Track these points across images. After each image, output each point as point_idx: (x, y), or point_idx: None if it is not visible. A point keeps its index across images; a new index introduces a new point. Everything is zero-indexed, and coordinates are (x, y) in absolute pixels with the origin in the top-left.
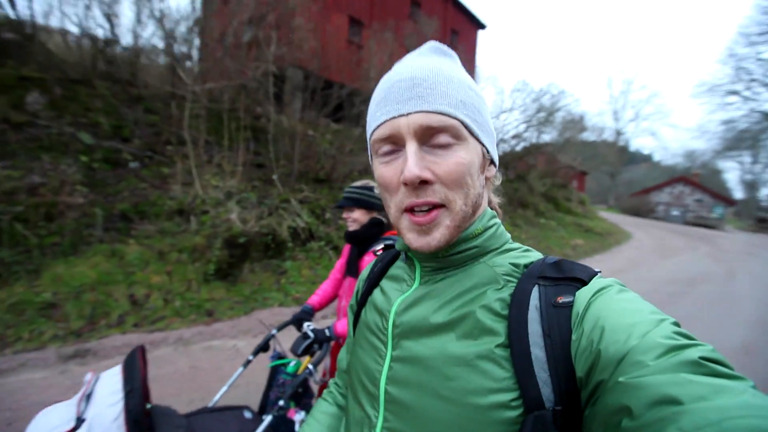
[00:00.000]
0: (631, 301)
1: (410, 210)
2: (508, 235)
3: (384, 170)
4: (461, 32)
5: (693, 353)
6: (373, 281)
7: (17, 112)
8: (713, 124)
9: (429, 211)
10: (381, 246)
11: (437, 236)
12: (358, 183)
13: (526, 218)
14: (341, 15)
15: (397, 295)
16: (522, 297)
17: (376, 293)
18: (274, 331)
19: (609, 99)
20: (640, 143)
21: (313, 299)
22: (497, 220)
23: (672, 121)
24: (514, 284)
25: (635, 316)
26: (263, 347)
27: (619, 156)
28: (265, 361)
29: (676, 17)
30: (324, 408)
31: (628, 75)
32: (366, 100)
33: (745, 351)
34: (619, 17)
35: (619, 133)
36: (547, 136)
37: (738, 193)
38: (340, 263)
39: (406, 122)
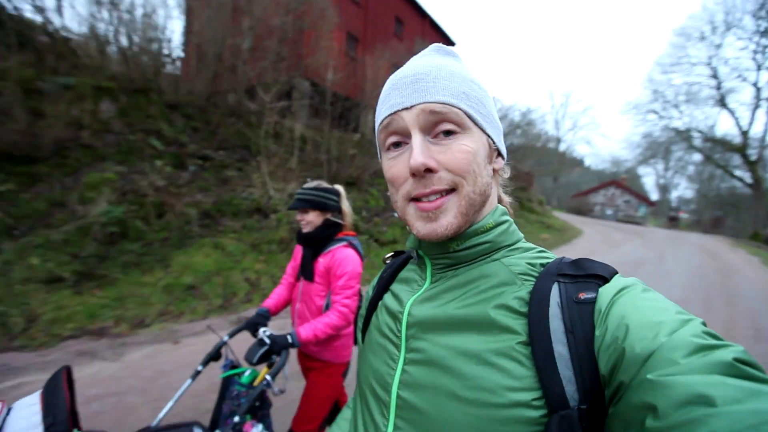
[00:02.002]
0: (657, 300)
1: (417, 199)
2: (521, 234)
3: (392, 164)
4: None
5: (726, 354)
6: (383, 287)
7: (94, 120)
8: (636, 137)
9: (436, 199)
10: (390, 254)
11: (444, 223)
12: (312, 184)
13: None
14: (341, 32)
15: (408, 296)
16: (542, 294)
17: (387, 297)
18: (225, 338)
19: (550, 109)
20: (576, 150)
21: (269, 302)
22: (509, 217)
23: (603, 131)
24: (532, 282)
25: (662, 314)
26: (214, 356)
27: (561, 161)
28: (216, 371)
29: (609, 42)
30: (346, 415)
31: (566, 89)
32: (363, 109)
33: (681, 304)
34: (560, 37)
35: (559, 140)
36: (509, 143)
37: (654, 195)
38: (291, 266)
39: (409, 114)
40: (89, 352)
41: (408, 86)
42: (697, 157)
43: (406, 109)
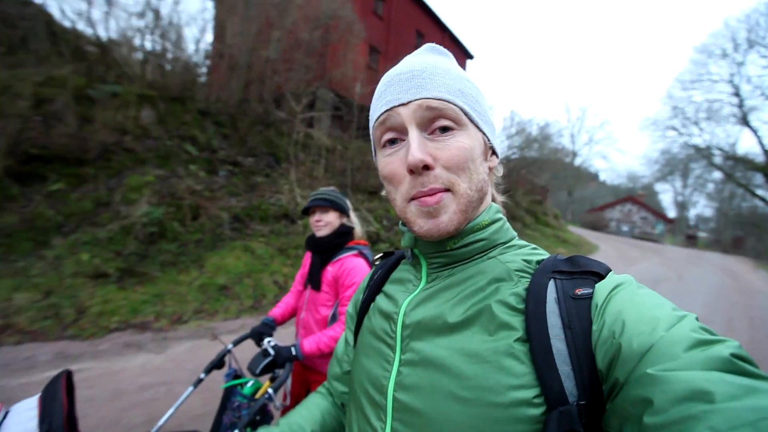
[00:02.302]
0: (652, 296)
1: (416, 198)
2: (515, 233)
3: (389, 161)
4: (456, 60)
5: (723, 350)
6: (375, 288)
7: (136, 126)
8: (655, 153)
9: (435, 193)
10: (379, 255)
11: (445, 219)
12: (328, 188)
13: (516, 230)
14: (364, 44)
15: (403, 296)
16: (539, 290)
17: (380, 299)
18: (230, 346)
19: (566, 123)
20: (592, 164)
21: (275, 311)
22: (503, 215)
23: (620, 146)
24: (528, 279)
25: (658, 309)
26: (217, 364)
27: (576, 175)
28: (219, 380)
29: (628, 58)
30: (316, 399)
31: (583, 103)
32: None
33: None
34: (577, 51)
35: (575, 154)
36: (526, 156)
37: (671, 213)
38: (300, 274)
39: (406, 110)
40: (135, 344)
41: (404, 82)
42: (717, 175)
43: (403, 105)
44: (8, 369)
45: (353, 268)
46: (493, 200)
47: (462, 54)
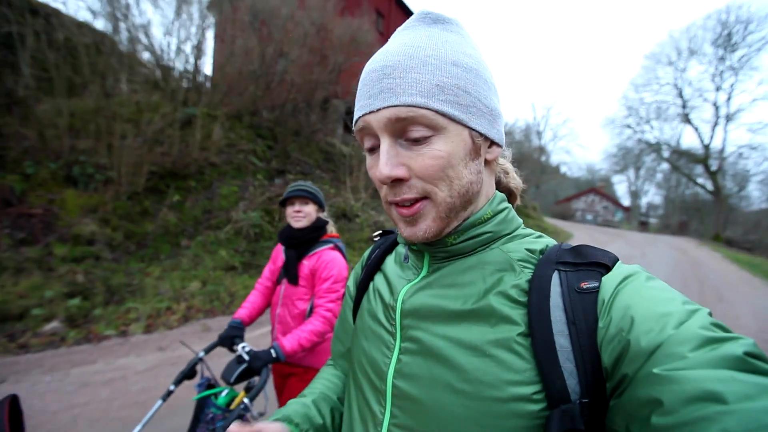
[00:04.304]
0: (662, 289)
1: (394, 204)
2: (520, 221)
3: (370, 165)
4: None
5: (736, 348)
6: (373, 267)
7: (211, 142)
8: (613, 148)
9: (412, 204)
10: (377, 233)
11: (423, 227)
12: (306, 182)
13: None
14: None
15: (403, 283)
16: (542, 283)
17: (379, 281)
18: (201, 354)
19: (532, 120)
20: (555, 159)
21: (241, 312)
22: (507, 204)
23: (581, 142)
24: (531, 270)
25: (668, 305)
26: (188, 374)
27: (543, 170)
28: (191, 391)
29: (586, 61)
30: (331, 371)
31: (547, 102)
32: None
33: None
34: (542, 52)
35: (542, 149)
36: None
37: (626, 201)
38: (269, 269)
39: (376, 119)
40: None
41: (375, 84)
42: (665, 166)
43: (373, 112)
44: (213, 333)
45: (330, 261)
46: (501, 189)
47: None
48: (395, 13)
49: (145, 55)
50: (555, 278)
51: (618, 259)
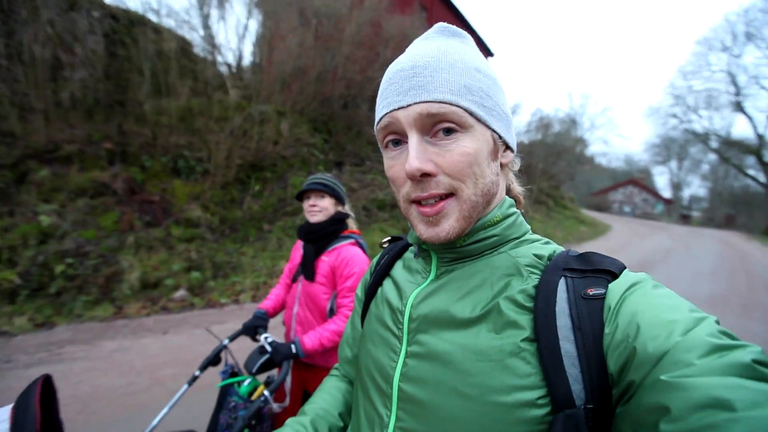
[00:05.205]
0: (669, 297)
1: (418, 201)
2: (528, 226)
3: (392, 164)
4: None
5: (744, 355)
6: (381, 273)
7: (280, 136)
8: (656, 139)
9: (436, 202)
10: (386, 239)
11: (446, 227)
12: (325, 174)
13: (541, 213)
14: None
15: (411, 287)
16: (549, 289)
17: (387, 286)
18: (225, 341)
19: (569, 110)
20: (591, 149)
21: (266, 303)
22: (516, 209)
23: (621, 132)
24: (538, 276)
25: (675, 312)
26: (213, 360)
27: (580, 160)
28: (216, 377)
29: (635, 49)
30: (334, 383)
31: (586, 90)
32: None
33: (712, 275)
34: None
35: (579, 140)
36: (548, 143)
37: (666, 193)
38: (288, 267)
39: (405, 114)
40: None
41: (404, 81)
42: (713, 157)
43: (402, 108)
44: None
45: (352, 258)
46: (508, 194)
47: (486, 52)
48: (437, 7)
49: (218, 58)
50: (562, 284)
51: (625, 267)
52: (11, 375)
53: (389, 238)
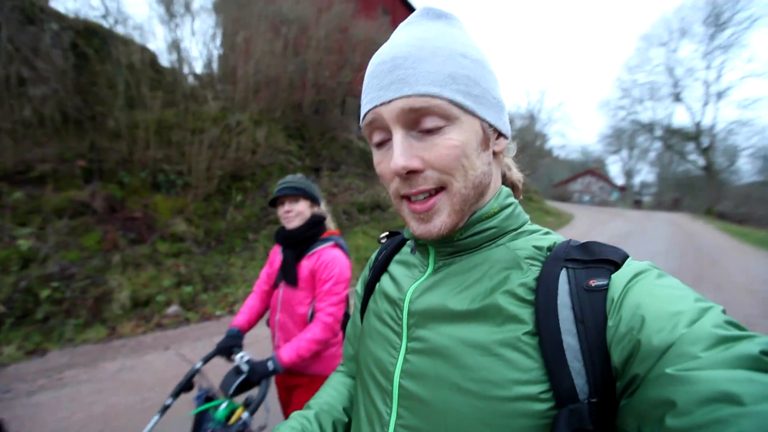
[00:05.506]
0: (673, 287)
1: (408, 197)
2: (527, 216)
3: (380, 160)
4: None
5: (751, 347)
6: (379, 269)
7: (256, 144)
8: (608, 130)
9: (427, 198)
10: (384, 234)
11: (438, 223)
12: (296, 175)
13: None
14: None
15: (409, 282)
16: (549, 281)
17: (385, 281)
18: (198, 365)
19: (527, 105)
20: (551, 142)
21: (239, 319)
22: (514, 199)
23: (575, 124)
24: (539, 268)
25: (680, 303)
26: (185, 386)
27: (539, 154)
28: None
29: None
30: (340, 378)
31: (541, 87)
32: None
33: (665, 255)
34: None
35: (538, 135)
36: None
37: (619, 181)
38: (266, 272)
39: (388, 110)
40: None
41: (385, 75)
42: (657, 145)
43: (384, 104)
44: None
45: (331, 261)
46: (505, 181)
47: None
48: (399, 10)
49: (186, 68)
50: (563, 276)
51: (628, 256)
52: (16, 404)
53: (387, 233)
